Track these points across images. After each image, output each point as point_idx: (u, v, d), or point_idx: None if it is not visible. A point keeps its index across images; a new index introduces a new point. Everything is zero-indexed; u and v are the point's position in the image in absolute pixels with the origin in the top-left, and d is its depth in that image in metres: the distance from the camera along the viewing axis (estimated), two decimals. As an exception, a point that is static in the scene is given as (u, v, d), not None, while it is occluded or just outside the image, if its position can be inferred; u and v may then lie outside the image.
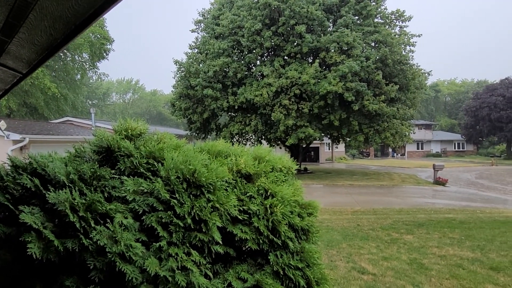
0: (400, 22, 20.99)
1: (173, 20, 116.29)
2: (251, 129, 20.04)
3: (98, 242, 1.71)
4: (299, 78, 18.24)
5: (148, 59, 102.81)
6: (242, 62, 20.41)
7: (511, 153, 42.73)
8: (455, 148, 52.66)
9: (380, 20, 20.83)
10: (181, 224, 1.94)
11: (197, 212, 1.99)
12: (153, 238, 1.91)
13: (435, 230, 7.62)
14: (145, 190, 2.01)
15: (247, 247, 2.25)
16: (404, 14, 20.76)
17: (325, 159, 39.69)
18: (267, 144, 22.88)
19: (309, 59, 21.12)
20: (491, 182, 19.18)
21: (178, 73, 22.33)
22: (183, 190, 2.04)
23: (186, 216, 1.96)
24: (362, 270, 5.17)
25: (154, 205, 1.96)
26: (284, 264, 2.22)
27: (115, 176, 2.09)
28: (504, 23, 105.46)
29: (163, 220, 1.92)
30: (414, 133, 22.52)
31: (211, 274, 1.95)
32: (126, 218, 1.88)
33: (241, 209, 2.29)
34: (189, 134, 23.96)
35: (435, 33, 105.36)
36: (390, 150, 50.94)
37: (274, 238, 2.24)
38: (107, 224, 1.80)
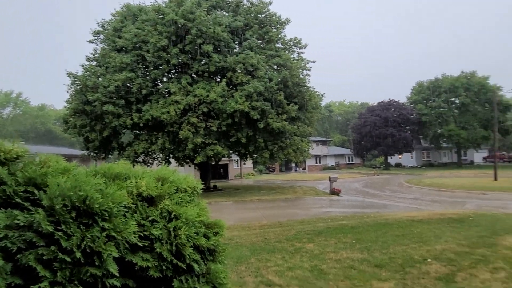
0: (298, 48, 23.15)
1: (67, 28, 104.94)
2: (158, 147, 19.17)
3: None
4: (207, 96, 18.35)
5: (35, 69, 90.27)
6: (148, 78, 19.60)
7: (388, 164, 50.50)
8: (346, 161, 59.66)
9: (280, 46, 22.60)
10: (68, 260, 1.70)
11: (89, 243, 1.78)
12: (31, 280, 1.62)
13: (331, 237, 8.37)
14: (22, 224, 1.70)
15: (149, 275, 2.09)
16: (301, 42, 23.01)
17: (234, 176, 40.24)
18: (176, 162, 22.18)
19: (216, 78, 21.48)
20: (374, 190, 22.16)
21: (72, 86, 20.13)
22: (72, 220, 1.80)
23: (75, 249, 1.73)
24: (269, 283, 5.32)
25: (33, 241, 1.68)
26: (189, 289, 2.13)
27: (-20, 209, 1.72)
28: (388, 56, 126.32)
29: (44, 257, 1.65)
30: (312, 149, 24.79)
31: (105, 313, 1.75)
32: (-6, 259, 1.56)
33: (142, 235, 2.13)
34: (86, 154, 21.64)
35: (328, 60, 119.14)
36: (293, 165, 54.74)
37: (179, 263, 2.14)
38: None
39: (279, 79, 19.78)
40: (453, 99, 45.45)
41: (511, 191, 18.19)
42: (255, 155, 23.32)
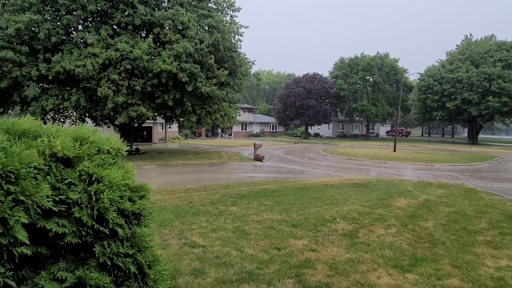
0: (231, 11, 22.39)
1: None
2: (71, 104, 17.22)
3: None
4: (131, 52, 16.85)
5: None
6: (59, 23, 17.01)
7: (308, 133, 53.99)
8: (270, 129, 61.90)
9: (213, 6, 21.57)
10: (-36, 227, 1.46)
11: (-9, 208, 1.54)
12: None
13: (254, 200, 8.79)
14: None
15: (66, 241, 1.93)
16: (234, 4, 22.24)
17: (158, 139, 38.88)
18: (93, 123, 20.37)
19: (142, 33, 19.77)
20: (294, 157, 23.66)
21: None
22: (-34, 183, 1.53)
23: (-28, 215, 1.49)
24: (193, 244, 5.42)
25: None
26: (112, 253, 2.04)
27: None
28: (319, 29, 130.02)
29: None
30: (239, 116, 25.02)
31: (13, 283, 1.58)
32: None
33: (58, 199, 1.93)
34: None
35: (259, 25, 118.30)
36: (220, 130, 54.88)
37: (101, 228, 2.02)
38: None
39: (210, 42, 19.08)
40: (368, 77, 49.85)
41: (405, 161, 21.23)
42: (181, 119, 22.65)
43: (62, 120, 20.69)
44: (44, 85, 18.92)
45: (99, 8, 17.28)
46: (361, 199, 9.18)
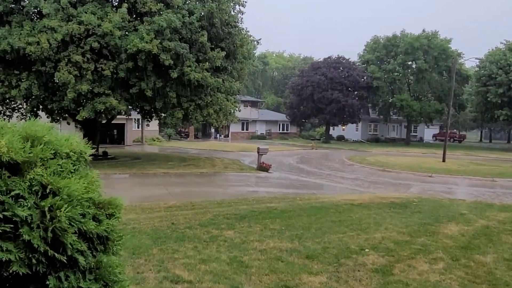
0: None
1: None
2: (20, 93, 17.40)
3: None
4: (99, 26, 17.00)
5: None
6: (5, -13, 17.25)
7: (329, 136, 54.03)
8: (279, 130, 62.09)
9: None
10: None
11: None
12: None
13: (256, 222, 8.82)
14: None
15: (11, 272, 1.96)
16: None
17: (132, 141, 39.16)
18: (48, 118, 20.58)
19: (113, 1, 19.96)
20: (311, 167, 23.66)
21: None
22: None
23: None
24: (176, 279, 5.44)
25: None
26: (70, 288, 2.06)
27: None
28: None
29: None
30: (239, 111, 25.03)
31: None
32: None
33: (1, 216, 1.96)
34: None
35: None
36: (213, 130, 55.12)
37: (56, 254, 2.04)
38: None
39: (202, 14, 19.22)
40: (409, 62, 49.89)
41: (457, 174, 21.18)
42: (163, 114, 22.75)
43: (8, 113, 20.88)
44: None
45: (58, -32, 17.47)
46: (398, 223, 9.17)
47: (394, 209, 10.82)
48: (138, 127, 40.48)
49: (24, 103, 19.49)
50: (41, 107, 19.42)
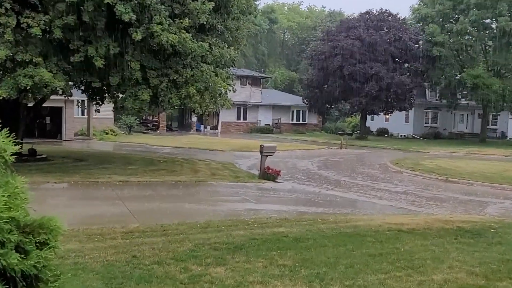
0: None
1: None
2: None
3: None
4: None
5: None
6: None
7: (366, 129, 53.92)
8: (293, 119, 62.01)
9: None
10: None
11: None
12: None
13: (258, 256, 8.77)
14: None
15: None
16: None
17: (74, 134, 38.95)
18: None
19: None
20: (338, 175, 23.56)
21: None
22: None
23: None
24: None
25: None
26: None
27: None
28: None
29: None
30: (234, 91, 24.78)
31: None
32: None
33: None
34: None
35: None
36: (194, 119, 55.06)
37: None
38: None
39: None
40: (487, 20, 49.54)
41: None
42: (121, 95, 22.66)
43: None
44: None
45: None
46: (469, 260, 9.12)
47: (462, 238, 10.77)
48: (82, 114, 40.29)
49: None
50: None
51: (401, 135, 57.39)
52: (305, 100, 56.13)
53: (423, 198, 17.84)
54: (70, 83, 21.42)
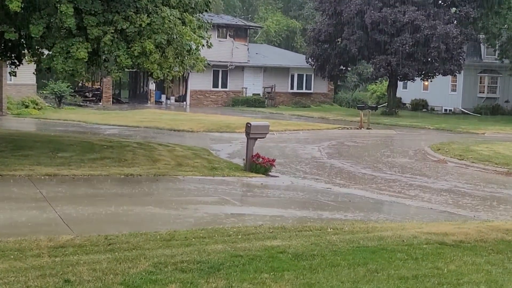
0: None
1: None
2: None
3: None
4: None
5: None
6: None
7: (397, 101, 53.92)
8: (292, 87, 61.92)
9: None
10: None
11: None
12: None
13: (243, 280, 8.70)
14: None
15: None
16: None
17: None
18: None
19: None
20: (357, 165, 23.60)
21: None
22: None
23: None
24: None
25: None
26: None
27: None
28: None
29: None
30: (209, 47, 24.55)
31: None
32: None
33: None
34: None
35: None
36: (153, 87, 54.93)
37: None
38: None
39: None
40: None
41: None
42: (47, 52, 22.60)
43: None
44: None
45: None
46: (538, 284, 9.18)
47: (529, 255, 10.83)
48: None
49: None
50: None
51: (446, 110, 57.61)
52: (310, 60, 56.07)
53: (475, 198, 17.90)
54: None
